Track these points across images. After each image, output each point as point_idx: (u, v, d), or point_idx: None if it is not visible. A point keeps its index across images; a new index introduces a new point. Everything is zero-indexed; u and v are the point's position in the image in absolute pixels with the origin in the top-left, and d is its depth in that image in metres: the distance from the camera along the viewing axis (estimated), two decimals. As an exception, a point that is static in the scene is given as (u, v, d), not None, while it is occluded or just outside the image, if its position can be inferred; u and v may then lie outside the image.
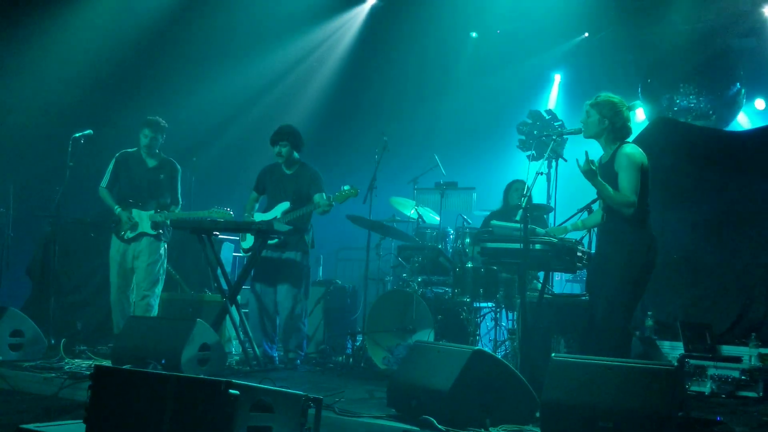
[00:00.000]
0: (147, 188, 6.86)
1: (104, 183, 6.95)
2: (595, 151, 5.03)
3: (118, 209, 6.80)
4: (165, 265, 6.91)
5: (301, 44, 10.64)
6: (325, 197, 6.48)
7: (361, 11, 11.06)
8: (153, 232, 6.77)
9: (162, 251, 6.86)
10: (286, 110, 10.34)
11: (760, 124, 9.43)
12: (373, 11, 11.02)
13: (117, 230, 6.83)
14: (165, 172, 6.94)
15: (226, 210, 6.59)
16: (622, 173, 4.74)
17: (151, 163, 6.95)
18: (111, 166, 6.97)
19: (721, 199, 7.07)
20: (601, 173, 4.84)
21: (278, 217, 6.55)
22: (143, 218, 6.78)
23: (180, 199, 7.01)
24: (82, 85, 8.85)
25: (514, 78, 10.88)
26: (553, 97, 11.56)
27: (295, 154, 6.76)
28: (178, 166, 7.05)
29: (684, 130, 7.97)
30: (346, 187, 6.45)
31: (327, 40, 10.97)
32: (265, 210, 6.74)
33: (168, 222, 6.77)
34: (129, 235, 6.77)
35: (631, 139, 4.98)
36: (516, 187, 7.16)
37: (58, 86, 8.75)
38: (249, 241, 6.67)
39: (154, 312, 6.75)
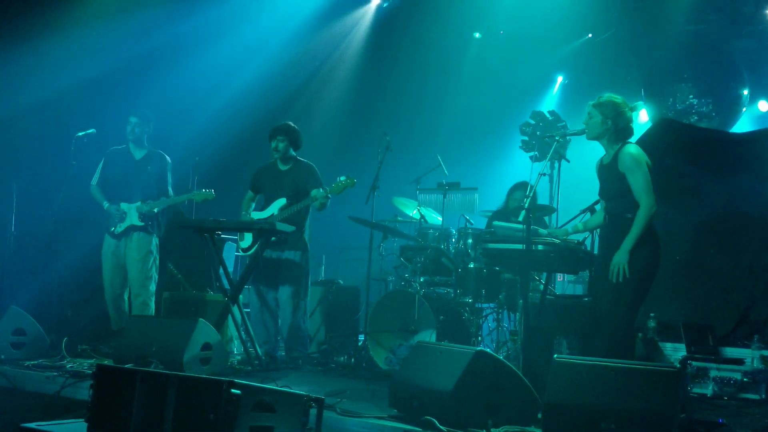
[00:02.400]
0: (134, 181, 6.82)
1: (94, 180, 6.95)
2: (599, 153, 5.03)
3: (106, 204, 6.82)
4: (157, 262, 6.86)
5: (306, 45, 10.63)
6: (321, 190, 6.43)
7: (366, 12, 11.06)
8: (140, 224, 6.73)
9: (153, 247, 6.80)
10: (290, 111, 10.31)
11: (763, 125, 9.42)
12: (378, 12, 11.02)
13: (107, 225, 6.82)
14: (153, 164, 6.87)
15: (209, 191, 6.65)
16: (632, 175, 4.69)
17: (138, 155, 6.91)
18: (101, 164, 6.97)
19: (723, 201, 7.06)
20: (604, 174, 4.84)
21: (275, 213, 6.53)
22: (131, 210, 6.75)
23: (170, 191, 6.89)
24: (86, 84, 8.84)
25: (517, 79, 10.87)
26: (556, 98, 11.55)
27: (292, 151, 6.74)
28: (168, 159, 6.95)
29: (687, 131, 7.97)
30: (342, 178, 6.37)
31: (331, 41, 10.96)
32: (262, 208, 6.72)
33: (155, 211, 6.74)
34: (119, 229, 6.75)
35: (633, 140, 4.96)
36: (517, 197, 7.09)
37: (64, 85, 8.75)
38: (247, 240, 6.64)
39: (151, 311, 6.73)
